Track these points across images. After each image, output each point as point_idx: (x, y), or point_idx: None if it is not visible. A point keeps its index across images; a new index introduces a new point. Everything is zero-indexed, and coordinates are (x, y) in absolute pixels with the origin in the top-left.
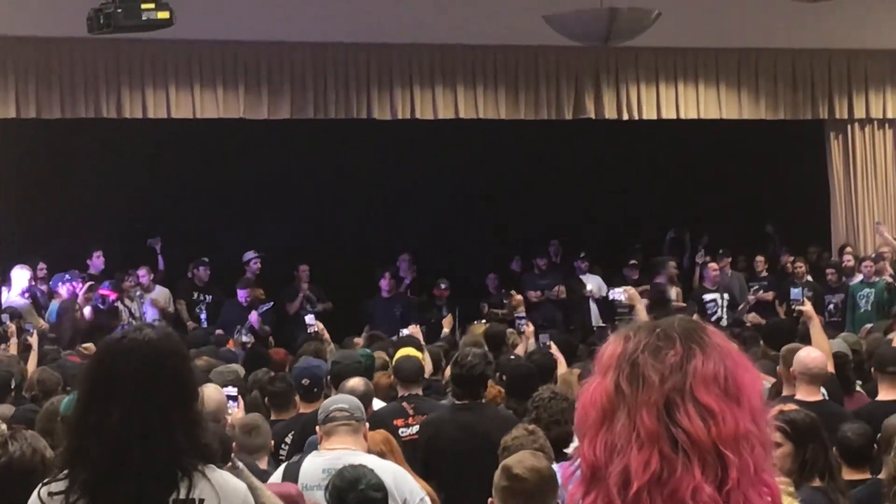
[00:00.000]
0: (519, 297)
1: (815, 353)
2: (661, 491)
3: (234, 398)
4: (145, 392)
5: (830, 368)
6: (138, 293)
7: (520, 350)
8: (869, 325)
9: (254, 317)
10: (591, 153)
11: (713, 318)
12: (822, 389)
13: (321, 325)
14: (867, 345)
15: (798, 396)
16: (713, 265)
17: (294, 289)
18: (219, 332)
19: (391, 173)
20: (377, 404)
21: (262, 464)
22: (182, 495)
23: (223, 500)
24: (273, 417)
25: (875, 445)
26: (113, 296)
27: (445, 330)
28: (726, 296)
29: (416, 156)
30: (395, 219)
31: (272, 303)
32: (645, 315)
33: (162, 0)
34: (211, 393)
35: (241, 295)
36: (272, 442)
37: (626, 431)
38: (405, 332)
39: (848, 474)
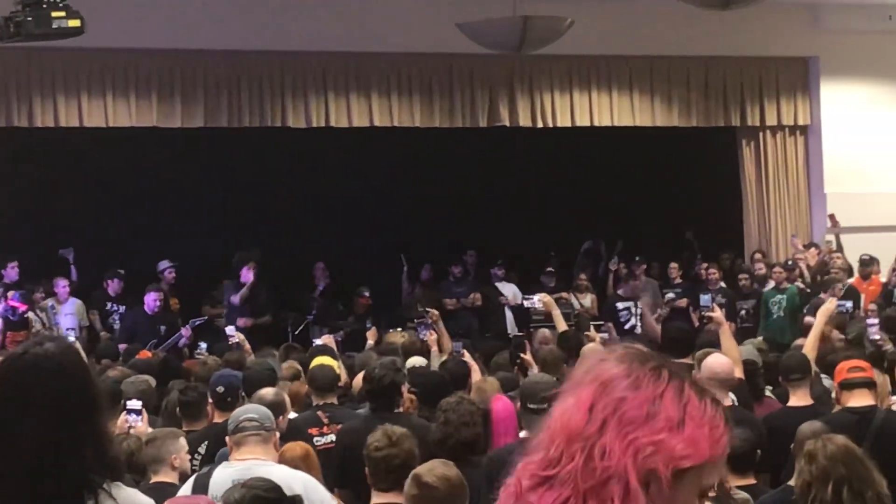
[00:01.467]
0: (435, 312)
1: (722, 360)
2: None
3: (138, 412)
4: (53, 408)
5: (739, 374)
6: (51, 304)
7: (421, 359)
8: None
9: (186, 331)
10: (507, 161)
11: (626, 326)
12: (732, 395)
13: (242, 336)
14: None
15: None
16: (633, 281)
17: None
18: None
19: (306, 182)
20: (291, 413)
21: (159, 476)
22: None
23: None
24: (185, 428)
25: (757, 452)
26: (23, 307)
27: (370, 342)
28: (639, 304)
29: (331, 164)
30: (310, 227)
31: (206, 317)
32: (563, 322)
33: (73, 8)
34: None
35: (150, 299)
36: (175, 455)
37: None
38: (318, 341)
39: (732, 480)
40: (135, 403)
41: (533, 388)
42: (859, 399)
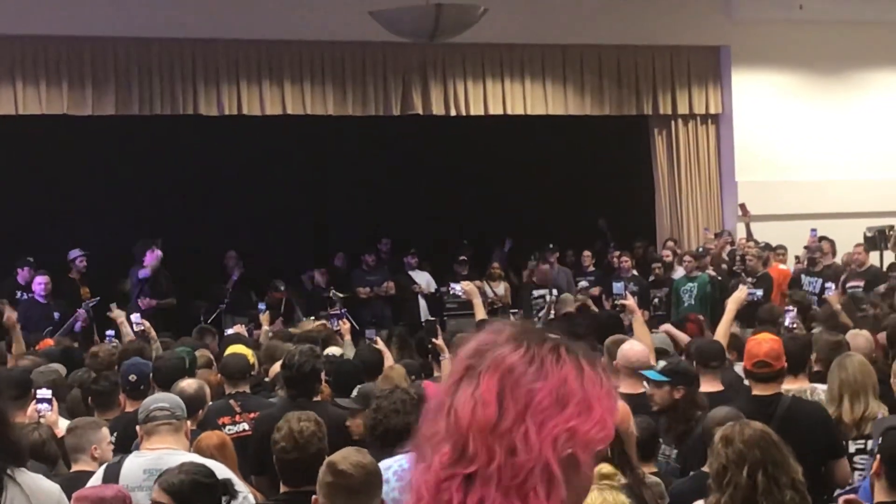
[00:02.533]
0: None
1: (637, 347)
2: None
3: (48, 401)
4: None
5: (652, 361)
6: None
7: (337, 349)
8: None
9: (81, 314)
10: (420, 149)
11: (540, 314)
12: (644, 382)
13: (147, 324)
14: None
15: (622, 389)
16: (544, 266)
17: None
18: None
19: (217, 170)
20: None
21: (79, 465)
22: None
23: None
24: (96, 417)
25: (659, 440)
26: None
27: (265, 327)
28: (555, 292)
29: (243, 152)
30: (222, 215)
31: (98, 298)
32: (482, 311)
33: None
34: None
35: (39, 282)
36: (96, 445)
37: None
38: (230, 331)
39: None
40: (45, 392)
41: None
42: (764, 388)
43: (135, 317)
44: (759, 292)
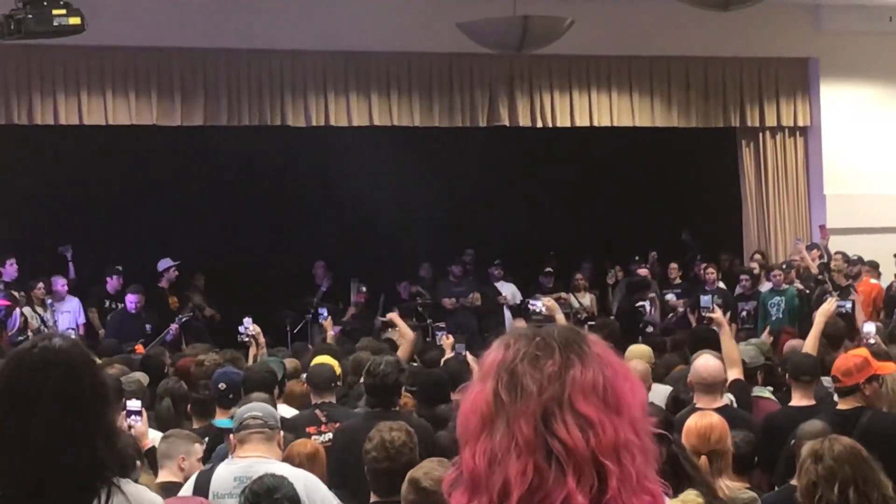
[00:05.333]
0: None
1: (711, 363)
2: (533, 500)
3: (139, 413)
4: (64, 402)
5: (739, 375)
6: (49, 302)
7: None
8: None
9: (174, 328)
10: (506, 160)
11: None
12: (730, 395)
13: (258, 329)
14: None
15: (698, 405)
16: (643, 270)
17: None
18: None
19: (305, 180)
20: (289, 411)
21: (165, 473)
22: None
23: None
24: (195, 426)
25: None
26: (5, 303)
27: (330, 333)
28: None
29: (330, 163)
30: (309, 226)
31: (191, 314)
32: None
33: (73, 6)
34: None
35: (131, 300)
36: (184, 456)
37: (506, 441)
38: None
39: (735, 482)
40: (135, 404)
41: None
42: (843, 403)
43: (246, 321)
44: (849, 304)
